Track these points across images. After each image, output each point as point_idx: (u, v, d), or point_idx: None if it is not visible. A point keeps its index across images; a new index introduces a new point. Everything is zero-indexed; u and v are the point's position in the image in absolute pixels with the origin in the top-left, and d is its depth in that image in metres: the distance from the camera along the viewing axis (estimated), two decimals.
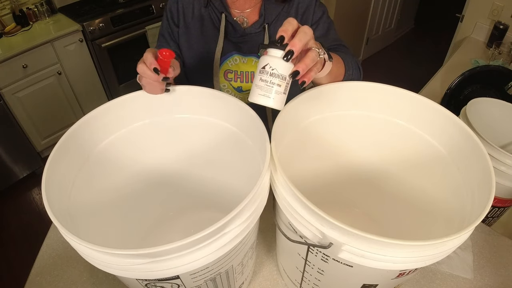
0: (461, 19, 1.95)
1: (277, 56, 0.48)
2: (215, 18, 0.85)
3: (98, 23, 2.13)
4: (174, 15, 0.87)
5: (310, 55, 0.49)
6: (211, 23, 0.86)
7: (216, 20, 0.85)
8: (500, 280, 0.75)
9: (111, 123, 0.62)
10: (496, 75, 1.21)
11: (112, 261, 0.42)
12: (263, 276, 0.74)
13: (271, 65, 0.49)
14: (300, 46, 0.48)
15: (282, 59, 0.48)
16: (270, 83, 0.49)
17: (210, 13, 0.85)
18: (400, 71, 3.15)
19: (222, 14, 0.84)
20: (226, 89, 0.91)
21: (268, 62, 0.49)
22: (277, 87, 0.49)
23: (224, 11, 0.84)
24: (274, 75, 0.49)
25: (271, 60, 0.49)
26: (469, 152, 0.56)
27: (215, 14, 0.85)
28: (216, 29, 0.86)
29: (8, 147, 2.01)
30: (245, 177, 0.66)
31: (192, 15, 0.86)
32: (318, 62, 0.51)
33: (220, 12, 0.84)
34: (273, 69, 0.48)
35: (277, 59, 0.48)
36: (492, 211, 0.89)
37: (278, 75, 0.49)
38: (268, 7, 0.85)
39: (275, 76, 0.49)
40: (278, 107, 0.51)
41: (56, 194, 0.49)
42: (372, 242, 0.42)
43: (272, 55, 0.49)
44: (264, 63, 0.49)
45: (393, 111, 0.66)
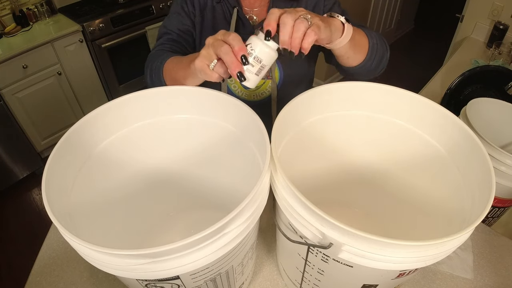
0: (461, 19, 1.95)
1: (259, 38, 0.52)
2: (226, 12, 0.86)
3: (98, 24, 2.13)
4: (189, 2, 0.85)
5: (296, 25, 0.49)
6: (222, 17, 0.86)
7: (228, 15, 0.86)
8: (500, 280, 0.75)
9: (111, 123, 0.62)
10: (496, 75, 1.21)
11: (112, 261, 0.42)
12: (263, 276, 0.74)
13: (251, 46, 0.52)
14: (274, 25, 0.50)
15: (261, 40, 0.51)
16: (245, 61, 0.52)
17: (223, 7, 0.86)
18: (400, 71, 3.15)
19: (234, 9, 0.84)
20: (233, 85, 0.91)
21: (251, 42, 0.53)
22: (250, 66, 0.52)
23: (236, 6, 0.84)
24: (251, 54, 0.52)
25: (253, 41, 0.52)
26: (469, 152, 0.56)
27: (227, 8, 0.85)
28: (227, 23, 0.86)
29: (8, 147, 2.01)
30: (245, 177, 0.66)
31: (206, 7, 0.86)
32: (313, 28, 0.51)
33: (233, 7, 0.84)
34: (252, 49, 0.52)
35: (257, 40, 0.52)
36: (492, 211, 0.89)
37: (254, 56, 0.52)
38: (277, 5, 0.85)
39: (251, 56, 0.52)
40: (247, 85, 0.54)
41: (56, 194, 0.49)
42: (372, 242, 0.42)
43: (256, 37, 0.52)
44: (248, 41, 0.53)
45: (393, 111, 0.66)
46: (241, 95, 0.92)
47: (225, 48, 0.51)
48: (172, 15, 0.88)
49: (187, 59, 0.66)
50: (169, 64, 0.72)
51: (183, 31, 0.87)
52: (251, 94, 0.92)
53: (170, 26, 0.87)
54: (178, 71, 0.68)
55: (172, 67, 0.71)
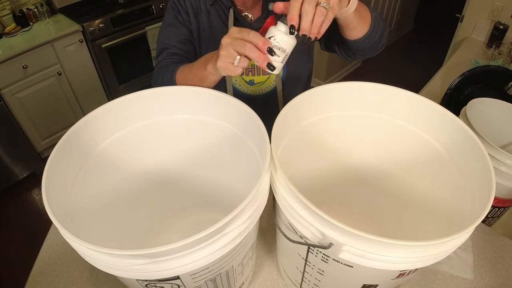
0: (461, 19, 1.95)
1: (281, 30, 0.55)
2: (222, 14, 0.86)
3: (98, 24, 2.13)
4: (183, 7, 0.85)
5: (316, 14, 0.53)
6: (218, 18, 0.86)
7: (223, 16, 0.86)
8: (500, 281, 0.75)
9: (111, 124, 0.62)
10: (496, 75, 1.21)
11: (112, 261, 0.42)
12: (263, 276, 0.74)
13: (275, 38, 0.55)
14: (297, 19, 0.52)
15: (285, 34, 0.55)
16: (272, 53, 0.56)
17: (217, 9, 0.86)
18: (400, 71, 3.15)
19: (230, 10, 0.84)
20: (238, 83, 0.92)
21: (273, 34, 0.56)
22: (276, 57, 0.56)
23: (231, 6, 0.84)
24: (275, 46, 0.56)
25: (275, 33, 0.55)
26: (469, 152, 0.56)
27: (222, 10, 0.85)
28: (224, 24, 0.86)
29: (8, 147, 2.01)
30: (245, 177, 0.66)
31: (200, 10, 0.86)
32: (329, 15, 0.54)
33: (228, 8, 0.84)
34: (276, 41, 0.56)
35: (279, 31, 0.55)
36: (492, 211, 0.89)
37: (279, 47, 0.56)
38: (270, 2, 0.85)
39: (276, 47, 0.56)
40: (275, 73, 0.58)
41: (56, 194, 0.49)
42: (372, 242, 0.42)
43: (278, 29, 0.55)
44: (270, 34, 0.56)
45: (393, 111, 0.66)
46: (247, 91, 0.93)
47: (249, 46, 0.55)
48: (166, 27, 0.87)
49: (200, 63, 0.68)
50: (181, 73, 0.74)
51: (182, 42, 0.86)
52: (256, 90, 0.92)
53: (168, 41, 0.86)
54: (194, 76, 0.69)
55: (186, 75, 0.72)
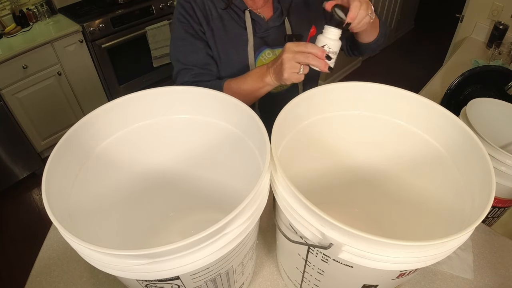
0: (461, 19, 1.95)
1: (330, 37, 0.68)
2: (235, 17, 0.85)
3: (98, 24, 2.13)
4: (193, 15, 0.83)
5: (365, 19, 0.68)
6: (233, 22, 0.85)
7: (237, 18, 0.85)
8: (500, 281, 0.75)
9: (111, 124, 0.62)
10: (496, 75, 1.21)
11: (112, 261, 0.42)
12: (263, 276, 0.74)
13: (328, 46, 0.68)
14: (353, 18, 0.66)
15: (334, 40, 0.68)
16: (329, 58, 0.69)
17: (230, 13, 0.85)
18: (400, 71, 3.15)
19: (245, 12, 0.84)
20: None
21: (325, 42, 0.68)
22: (332, 60, 0.70)
23: (246, 8, 0.84)
24: (330, 52, 0.68)
25: (327, 41, 0.68)
26: (469, 152, 0.56)
27: (235, 13, 0.85)
28: (240, 27, 0.86)
29: (8, 147, 2.01)
30: (245, 177, 0.65)
31: (212, 16, 0.85)
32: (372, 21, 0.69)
33: (243, 10, 0.84)
34: (329, 48, 0.68)
35: (329, 39, 0.68)
36: (492, 211, 0.89)
37: (332, 52, 0.69)
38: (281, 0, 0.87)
39: (330, 53, 0.68)
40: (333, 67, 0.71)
41: (56, 194, 0.49)
42: (372, 243, 0.42)
43: (327, 37, 0.68)
44: (322, 43, 0.68)
45: (393, 111, 0.66)
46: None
47: (311, 57, 0.67)
48: (179, 42, 0.85)
49: (253, 77, 0.78)
50: (230, 90, 0.81)
51: (203, 60, 0.85)
52: (278, 87, 0.91)
53: (186, 60, 0.84)
54: (247, 90, 0.79)
55: (237, 90, 0.79)
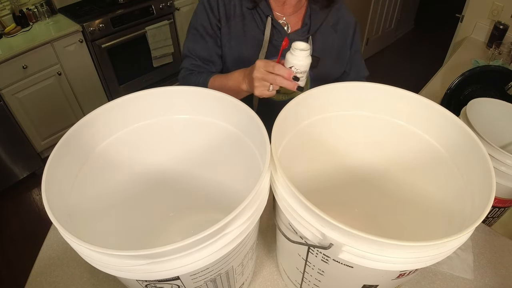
0: (461, 19, 1.95)
1: (297, 57, 0.68)
2: (258, 20, 0.84)
3: (98, 24, 2.13)
4: (215, 9, 0.84)
5: None
6: (254, 24, 0.84)
7: (260, 22, 0.84)
8: (500, 280, 0.75)
9: (111, 124, 0.62)
10: (496, 75, 1.21)
11: (112, 262, 0.42)
12: (263, 276, 0.74)
13: (295, 67, 0.69)
14: None
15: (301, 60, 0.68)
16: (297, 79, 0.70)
17: (254, 14, 0.84)
18: (400, 71, 3.15)
19: (268, 18, 0.83)
20: None
21: (292, 64, 0.69)
22: (300, 79, 0.71)
23: (270, 14, 0.83)
24: (298, 72, 0.69)
25: (294, 63, 0.68)
26: (469, 152, 0.56)
27: (258, 15, 0.84)
28: (259, 30, 0.85)
29: (8, 147, 2.01)
30: (245, 177, 0.65)
31: (234, 14, 0.84)
32: None
33: (266, 15, 0.83)
34: (297, 69, 0.69)
35: (296, 60, 0.68)
36: (492, 211, 0.89)
37: (301, 72, 0.70)
38: (313, 14, 0.86)
39: (298, 73, 0.69)
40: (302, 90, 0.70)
41: (56, 194, 0.49)
42: (372, 243, 0.42)
43: (295, 57, 0.68)
44: (289, 64, 0.69)
45: (393, 111, 0.66)
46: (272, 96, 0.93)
47: (279, 79, 0.69)
48: (193, 31, 0.87)
49: (232, 82, 0.79)
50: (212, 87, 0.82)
51: (207, 59, 0.88)
52: (279, 96, 0.92)
53: (194, 51, 0.88)
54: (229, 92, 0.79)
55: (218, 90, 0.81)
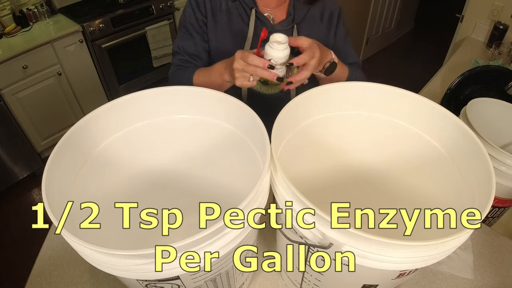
0: (461, 19, 1.95)
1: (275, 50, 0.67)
2: (243, 13, 0.86)
3: (98, 24, 2.13)
4: (201, 5, 0.87)
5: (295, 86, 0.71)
6: (239, 18, 0.87)
7: (244, 15, 0.86)
8: (500, 280, 0.75)
9: (111, 124, 0.62)
10: (496, 75, 1.21)
11: (112, 261, 0.42)
12: (264, 276, 0.74)
13: (274, 60, 0.68)
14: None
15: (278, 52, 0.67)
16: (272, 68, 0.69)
17: (238, 8, 0.86)
18: (400, 71, 3.15)
19: (252, 10, 0.85)
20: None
21: (270, 56, 0.68)
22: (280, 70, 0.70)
23: (254, 6, 0.85)
24: (276, 63, 0.69)
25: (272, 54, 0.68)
26: (469, 152, 0.56)
27: (243, 8, 0.86)
28: (244, 24, 0.87)
29: (8, 147, 2.01)
30: (245, 177, 0.65)
31: (220, 9, 0.87)
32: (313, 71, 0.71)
33: (250, 8, 0.85)
34: (275, 62, 0.68)
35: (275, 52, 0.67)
36: (492, 211, 0.89)
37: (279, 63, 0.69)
38: (297, 6, 0.87)
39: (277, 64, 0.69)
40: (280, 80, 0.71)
41: (56, 194, 0.49)
42: (372, 243, 0.42)
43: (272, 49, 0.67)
44: (268, 57, 0.68)
45: (393, 111, 0.66)
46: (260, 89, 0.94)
47: (259, 70, 0.68)
48: (182, 29, 0.91)
49: (215, 73, 0.80)
50: (197, 80, 0.85)
51: (194, 54, 0.90)
52: (268, 89, 0.93)
53: (182, 48, 0.91)
54: (213, 84, 0.81)
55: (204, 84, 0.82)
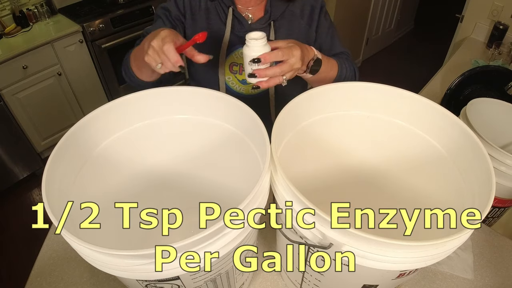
0: (461, 19, 1.95)
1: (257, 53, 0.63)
2: (221, 12, 0.86)
3: (98, 24, 2.13)
4: (180, 4, 0.87)
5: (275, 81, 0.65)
6: (217, 17, 0.87)
7: (222, 14, 0.86)
8: (500, 281, 0.75)
9: (111, 124, 0.62)
10: (496, 75, 1.21)
11: (112, 261, 0.42)
12: (263, 276, 0.74)
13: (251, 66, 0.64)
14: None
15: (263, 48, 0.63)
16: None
17: (217, 7, 0.86)
18: (400, 71, 3.15)
19: (229, 8, 0.85)
20: (231, 81, 0.92)
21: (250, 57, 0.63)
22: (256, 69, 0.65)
23: (231, 5, 0.85)
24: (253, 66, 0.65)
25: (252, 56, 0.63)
26: (469, 153, 0.56)
27: (221, 7, 0.86)
28: (222, 23, 0.87)
29: (8, 148, 2.01)
30: (245, 177, 0.65)
31: (199, 8, 0.87)
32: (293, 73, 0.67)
33: (227, 6, 0.86)
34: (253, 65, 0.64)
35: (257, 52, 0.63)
36: (492, 211, 0.89)
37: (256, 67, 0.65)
38: (274, 4, 0.87)
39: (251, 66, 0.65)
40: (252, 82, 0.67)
41: (56, 195, 0.49)
42: (372, 243, 0.42)
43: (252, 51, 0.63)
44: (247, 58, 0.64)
45: (393, 111, 0.66)
46: (239, 90, 0.94)
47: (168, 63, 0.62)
48: (156, 19, 0.89)
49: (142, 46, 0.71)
50: (132, 57, 0.81)
51: (171, 17, 0.88)
52: (248, 89, 0.93)
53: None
54: (138, 63, 0.76)
55: (134, 59, 0.79)
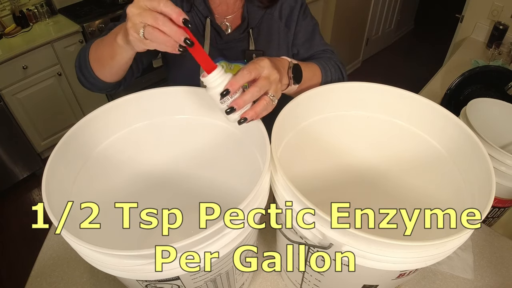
0: (461, 19, 1.95)
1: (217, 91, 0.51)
2: (198, 23, 0.82)
3: (98, 24, 2.13)
4: None
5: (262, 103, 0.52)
6: (194, 29, 0.82)
7: (200, 25, 0.82)
8: (500, 281, 0.75)
9: (111, 124, 0.62)
10: (496, 75, 1.21)
11: (112, 262, 0.42)
12: (263, 276, 0.74)
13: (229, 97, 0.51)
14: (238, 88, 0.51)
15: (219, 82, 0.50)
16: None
17: (194, 18, 0.81)
18: (400, 71, 3.15)
19: (206, 19, 0.80)
20: None
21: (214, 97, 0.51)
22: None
23: (209, 15, 0.80)
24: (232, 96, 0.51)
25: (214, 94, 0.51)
26: (469, 153, 0.56)
27: (198, 18, 0.81)
28: (200, 35, 0.82)
29: (8, 148, 2.01)
30: (245, 177, 0.66)
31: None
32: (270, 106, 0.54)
33: (205, 17, 0.81)
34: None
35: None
36: (492, 211, 0.89)
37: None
38: (250, 10, 0.82)
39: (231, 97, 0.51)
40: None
41: (56, 195, 0.49)
42: (372, 243, 0.42)
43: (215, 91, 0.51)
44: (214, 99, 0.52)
45: (393, 111, 0.66)
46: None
47: (161, 20, 0.46)
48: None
49: (110, 36, 0.61)
50: (93, 47, 0.68)
51: None
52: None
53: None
54: (103, 51, 0.64)
55: (96, 49, 0.67)
